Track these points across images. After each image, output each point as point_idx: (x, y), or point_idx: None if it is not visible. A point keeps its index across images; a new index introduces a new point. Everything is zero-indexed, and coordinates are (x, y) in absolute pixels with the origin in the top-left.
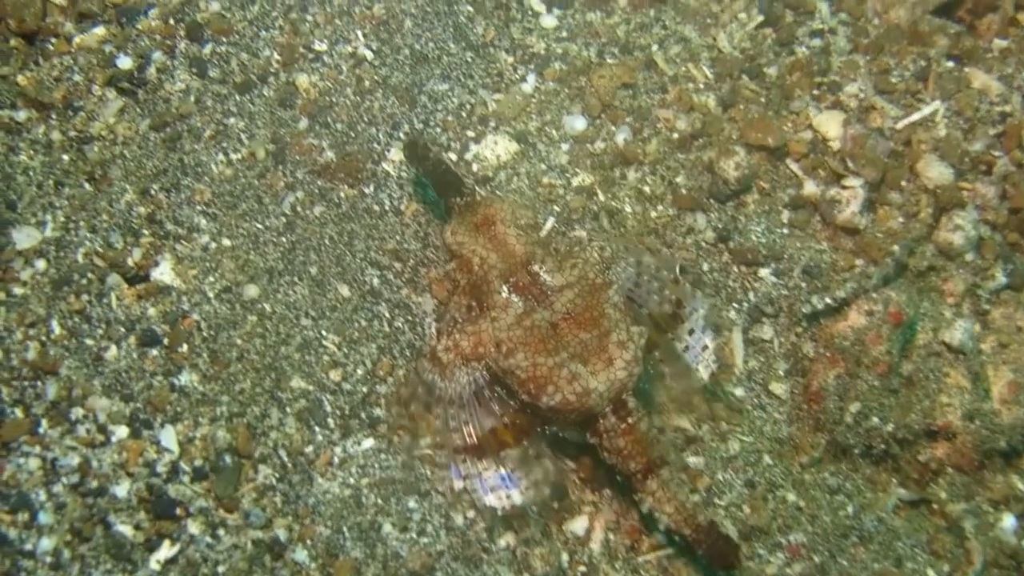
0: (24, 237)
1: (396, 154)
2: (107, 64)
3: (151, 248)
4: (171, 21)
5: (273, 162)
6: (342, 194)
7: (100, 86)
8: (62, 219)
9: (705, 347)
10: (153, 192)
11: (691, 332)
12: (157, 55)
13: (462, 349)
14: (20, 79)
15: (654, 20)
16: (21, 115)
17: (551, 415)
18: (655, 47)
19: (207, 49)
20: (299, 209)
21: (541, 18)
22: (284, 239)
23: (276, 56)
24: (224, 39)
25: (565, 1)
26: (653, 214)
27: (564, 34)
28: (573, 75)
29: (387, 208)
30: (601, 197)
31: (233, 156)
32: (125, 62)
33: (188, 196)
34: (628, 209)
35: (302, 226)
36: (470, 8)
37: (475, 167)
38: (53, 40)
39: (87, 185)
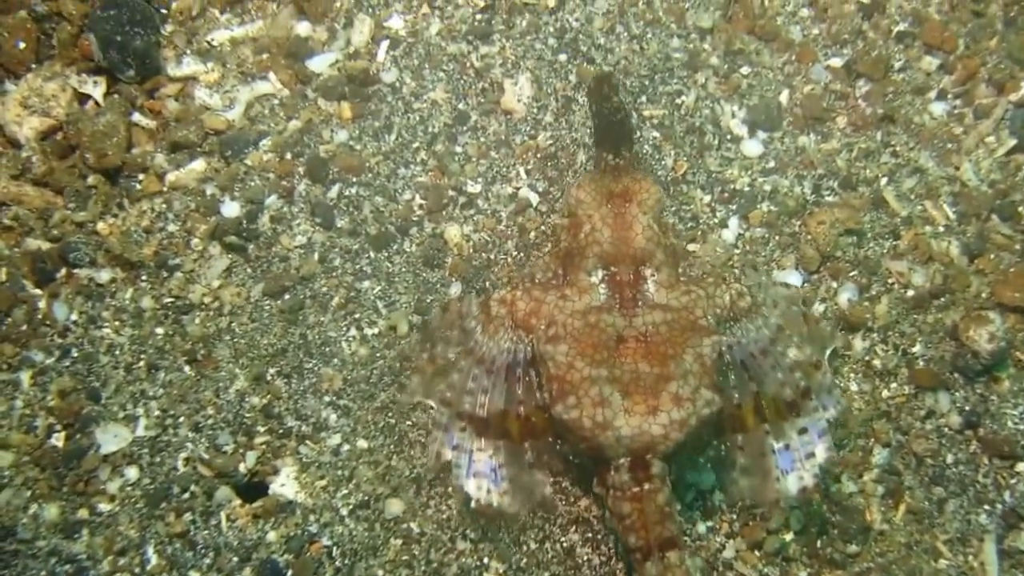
0: (111, 438)
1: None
2: (209, 210)
3: (269, 451)
4: (287, 155)
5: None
6: None
7: (201, 239)
8: (157, 413)
9: (811, 455)
10: (270, 378)
11: (802, 431)
12: (271, 199)
13: (516, 310)
14: (101, 227)
15: (882, 145)
16: (104, 275)
17: (562, 431)
18: (884, 180)
19: (333, 192)
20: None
21: (743, 144)
22: None
23: (419, 200)
24: (354, 179)
25: (771, 122)
26: (885, 393)
27: (771, 164)
28: (784, 218)
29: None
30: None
31: (368, 331)
32: (231, 208)
33: (313, 383)
34: (854, 387)
35: None
36: (656, 134)
37: None
38: (141, 177)
39: (187, 368)
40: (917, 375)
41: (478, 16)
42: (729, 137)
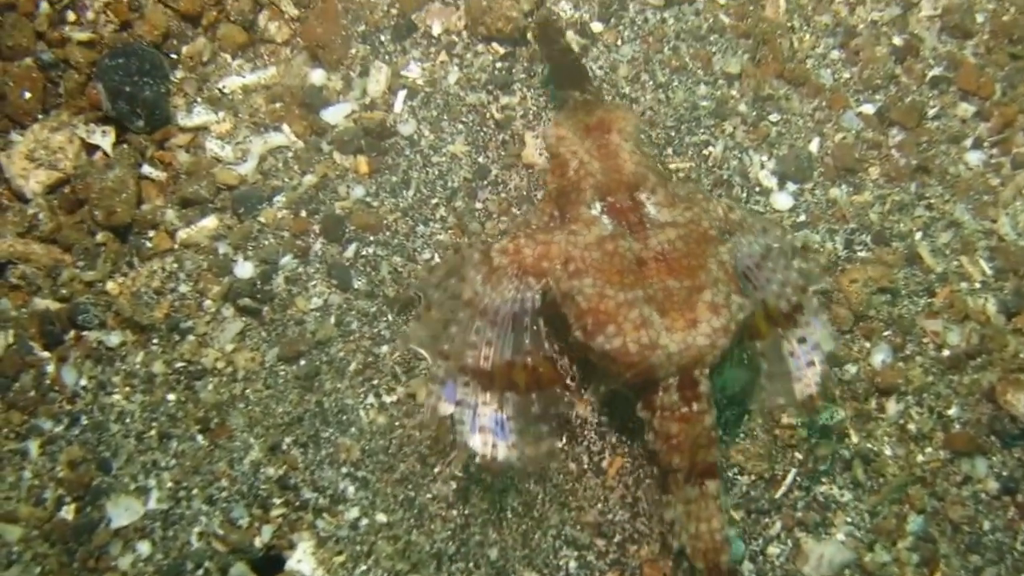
0: (121, 511)
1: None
2: (222, 270)
3: (285, 524)
4: (302, 212)
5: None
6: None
7: (214, 300)
8: (170, 485)
9: (811, 363)
10: (285, 447)
11: (802, 340)
12: (286, 259)
13: (523, 257)
14: (111, 286)
15: (916, 198)
16: (114, 339)
17: (605, 365)
18: (918, 235)
19: (350, 251)
20: (474, 471)
21: (772, 196)
22: (455, 512)
23: (439, 259)
24: (371, 237)
25: (802, 173)
26: (920, 458)
27: (802, 217)
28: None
29: (585, 466)
30: (854, 438)
31: (387, 399)
32: (245, 268)
33: (330, 453)
34: (888, 452)
35: (478, 494)
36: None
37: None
38: (151, 234)
39: (200, 437)
40: (953, 439)
41: (498, 64)
42: (758, 189)
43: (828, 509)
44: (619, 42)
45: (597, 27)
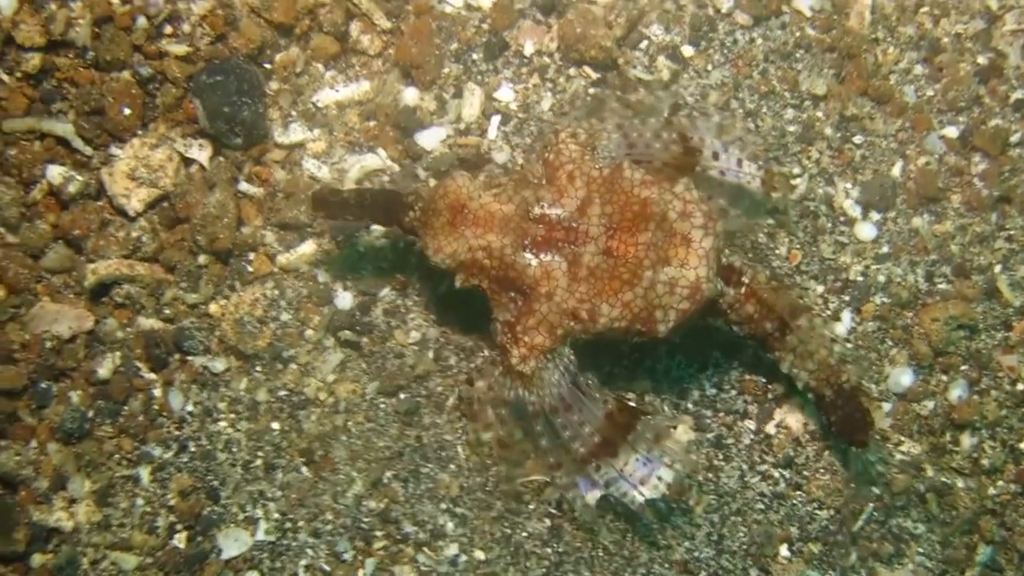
0: (231, 542)
1: (684, 433)
2: (322, 300)
3: (387, 557)
4: (401, 244)
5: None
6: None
7: (315, 330)
8: (276, 517)
9: (739, 161)
10: (386, 481)
11: (716, 156)
12: (385, 291)
13: (539, 346)
14: (213, 308)
15: (996, 229)
16: (218, 365)
17: (675, 332)
18: (998, 268)
19: (444, 286)
20: (566, 508)
21: (857, 227)
22: (550, 550)
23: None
24: None
25: (885, 201)
26: (991, 490)
27: (885, 249)
28: (897, 311)
29: (673, 505)
30: (929, 472)
31: (484, 435)
32: (344, 299)
33: (430, 488)
34: (960, 484)
35: (570, 532)
36: (770, 220)
37: (776, 439)
38: (251, 256)
39: (304, 469)
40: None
41: (591, 90)
42: (843, 219)
43: (902, 540)
44: (709, 67)
45: (688, 51)
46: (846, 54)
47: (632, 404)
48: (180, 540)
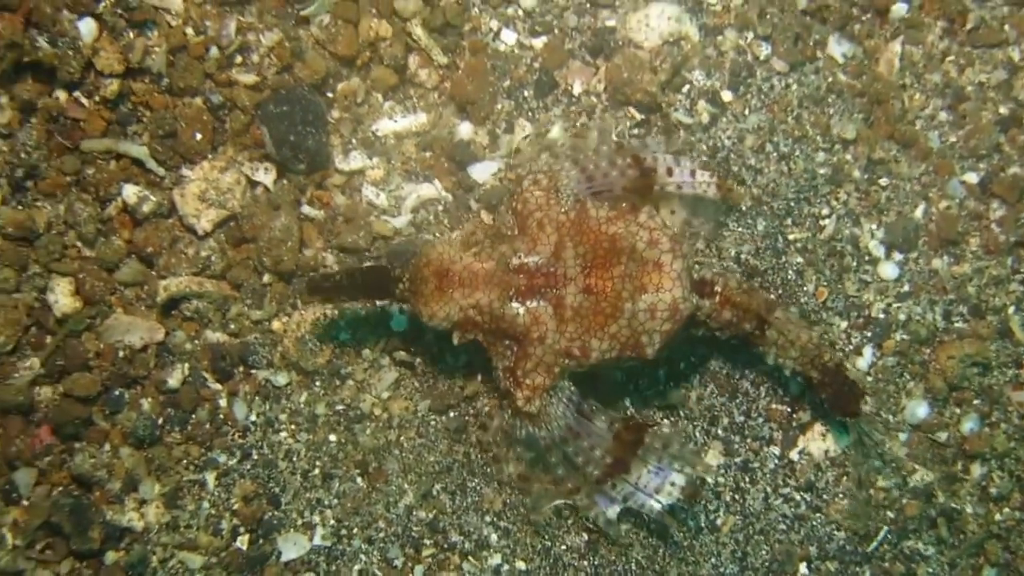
0: (291, 546)
1: (714, 457)
2: (379, 321)
3: (434, 564)
4: None
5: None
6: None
7: (371, 350)
8: (332, 523)
9: (692, 172)
10: (435, 493)
11: (670, 172)
12: None
13: (540, 385)
14: (276, 325)
15: (1011, 272)
16: (280, 379)
17: (663, 351)
18: (1011, 309)
19: None
20: (602, 524)
21: (880, 266)
22: (586, 563)
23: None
24: None
25: (908, 242)
26: (998, 516)
27: (906, 288)
28: (916, 347)
29: (702, 524)
30: (940, 498)
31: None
32: (399, 321)
33: (476, 501)
34: (969, 510)
35: (605, 547)
36: (800, 259)
37: (799, 465)
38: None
39: (359, 480)
40: None
41: (634, 131)
42: (867, 259)
43: (913, 561)
44: (746, 111)
45: (727, 96)
46: (875, 99)
47: (637, 420)
48: (243, 542)
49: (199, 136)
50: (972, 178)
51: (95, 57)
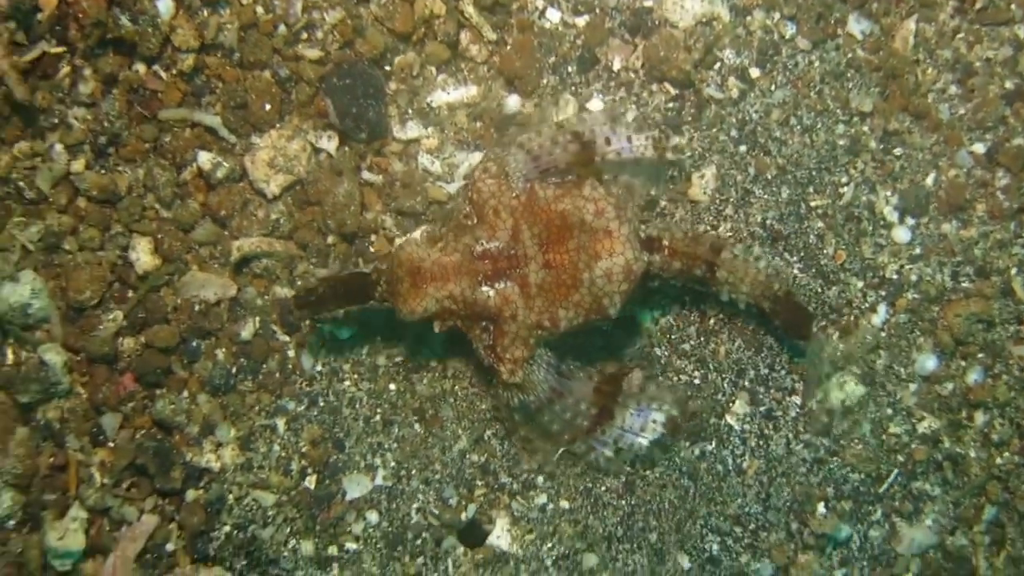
0: (355, 486)
1: (740, 406)
2: None
3: (485, 503)
4: None
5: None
6: (683, 454)
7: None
8: (392, 465)
9: (629, 139)
10: (487, 439)
11: (608, 141)
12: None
13: (520, 358)
14: None
15: (1014, 236)
16: (344, 332)
17: (624, 308)
18: (1014, 270)
19: None
20: (639, 468)
21: (894, 230)
22: (624, 502)
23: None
24: None
25: (920, 208)
26: (998, 460)
27: (917, 250)
28: (926, 305)
29: (729, 468)
30: (946, 443)
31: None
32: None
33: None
34: (972, 454)
35: (641, 488)
36: (821, 224)
37: (824, 412)
38: (373, 238)
39: (417, 425)
40: None
41: (669, 105)
42: (882, 223)
43: (920, 500)
44: (773, 87)
45: (755, 72)
46: (891, 74)
47: (612, 371)
48: (311, 482)
49: (268, 107)
50: (979, 148)
51: (172, 34)
